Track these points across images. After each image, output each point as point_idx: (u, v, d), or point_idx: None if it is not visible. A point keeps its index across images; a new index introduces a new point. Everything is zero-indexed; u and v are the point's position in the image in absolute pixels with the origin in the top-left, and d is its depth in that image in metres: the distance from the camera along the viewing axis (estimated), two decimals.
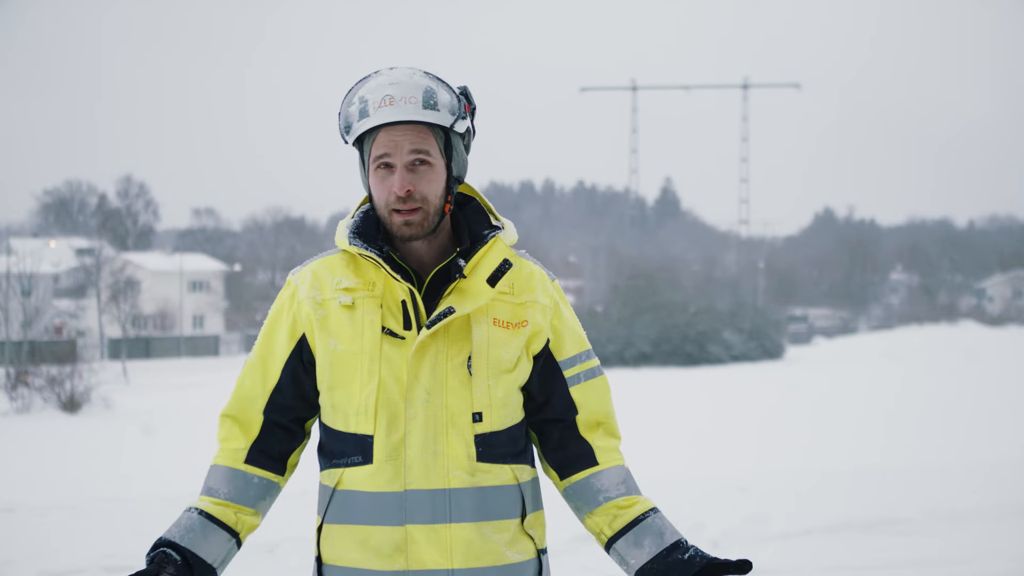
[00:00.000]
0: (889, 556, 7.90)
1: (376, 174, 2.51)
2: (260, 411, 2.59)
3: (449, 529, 2.48)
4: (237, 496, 2.57)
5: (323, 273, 2.58)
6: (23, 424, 21.11)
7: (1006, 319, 68.65)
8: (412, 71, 2.52)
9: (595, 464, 2.60)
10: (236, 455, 2.59)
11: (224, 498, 2.56)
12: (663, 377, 35.05)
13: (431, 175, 2.51)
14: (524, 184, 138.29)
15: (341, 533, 2.52)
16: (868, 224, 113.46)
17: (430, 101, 2.48)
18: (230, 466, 2.58)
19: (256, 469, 2.58)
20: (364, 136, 2.52)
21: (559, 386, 2.62)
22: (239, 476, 2.57)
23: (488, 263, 2.54)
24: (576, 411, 2.62)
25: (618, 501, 2.57)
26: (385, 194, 2.50)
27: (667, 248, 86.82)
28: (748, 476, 11.55)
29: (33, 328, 40.60)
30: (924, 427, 17.29)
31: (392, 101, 2.46)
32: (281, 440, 2.61)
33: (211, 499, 2.56)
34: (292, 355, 2.58)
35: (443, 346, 2.51)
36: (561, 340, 2.62)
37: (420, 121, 2.48)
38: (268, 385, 2.59)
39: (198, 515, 2.52)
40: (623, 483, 2.59)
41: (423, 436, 2.48)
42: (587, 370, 2.64)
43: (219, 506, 2.55)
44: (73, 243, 67.04)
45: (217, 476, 2.58)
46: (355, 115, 2.51)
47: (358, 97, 2.51)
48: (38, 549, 8.38)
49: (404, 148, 2.48)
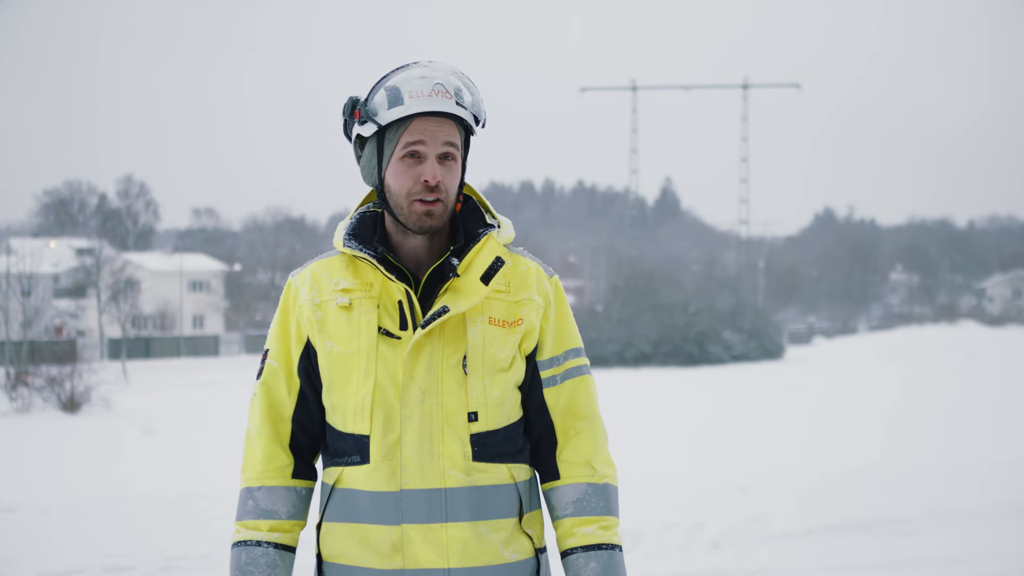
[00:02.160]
0: (889, 556, 7.90)
1: (402, 163, 2.50)
2: (289, 419, 2.59)
3: (445, 528, 2.48)
4: (295, 513, 2.59)
5: (322, 275, 2.59)
6: (23, 424, 21.11)
7: (1006, 319, 68.70)
8: (449, 68, 2.54)
9: (556, 479, 2.60)
10: (283, 472, 2.59)
11: (285, 518, 2.57)
12: (663, 377, 35.06)
13: (455, 169, 2.53)
14: (524, 184, 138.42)
15: (340, 531, 2.53)
16: (868, 224, 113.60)
17: (460, 98, 2.50)
18: (280, 485, 2.58)
19: (303, 482, 2.61)
20: (389, 126, 2.51)
21: (535, 388, 2.61)
22: (292, 493, 2.59)
23: (481, 261, 2.54)
24: (548, 415, 2.60)
25: (564, 522, 2.58)
26: (411, 183, 2.49)
27: (667, 248, 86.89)
28: (748, 476, 11.55)
29: (33, 328, 40.56)
30: (924, 427, 17.29)
31: (440, 92, 2.48)
32: (310, 446, 2.62)
33: (272, 523, 2.56)
34: (301, 359, 2.59)
35: (438, 345, 2.51)
36: (545, 340, 2.60)
37: (453, 116, 2.50)
38: (293, 391, 2.60)
39: (273, 549, 2.55)
40: (575, 503, 2.57)
41: (419, 436, 2.48)
42: (564, 371, 2.61)
43: (285, 533, 2.57)
44: (73, 243, 67.05)
45: (273, 497, 2.57)
46: (383, 103, 2.49)
47: (387, 87, 2.50)
48: (38, 549, 8.38)
49: (439, 139, 2.49)
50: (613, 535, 2.57)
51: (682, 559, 7.93)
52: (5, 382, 25.83)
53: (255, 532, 2.55)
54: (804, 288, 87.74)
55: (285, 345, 2.60)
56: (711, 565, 7.73)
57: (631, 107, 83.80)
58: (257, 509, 2.56)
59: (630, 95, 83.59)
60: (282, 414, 2.59)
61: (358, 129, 2.53)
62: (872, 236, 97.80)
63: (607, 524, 2.56)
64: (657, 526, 8.86)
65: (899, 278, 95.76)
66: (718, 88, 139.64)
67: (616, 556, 2.55)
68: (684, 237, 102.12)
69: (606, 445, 2.63)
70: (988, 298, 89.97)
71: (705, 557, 8.00)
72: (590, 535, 2.55)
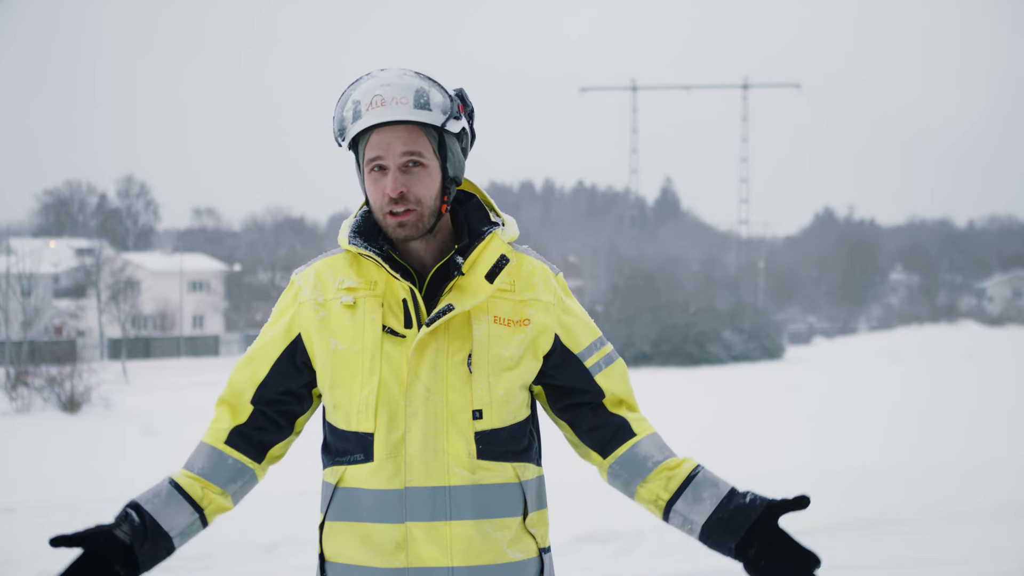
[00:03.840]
0: (889, 556, 7.90)
1: (370, 176, 2.51)
2: (248, 400, 2.61)
3: (449, 526, 2.48)
4: (209, 473, 2.59)
5: (326, 273, 2.60)
6: (23, 424, 21.11)
7: (1006, 319, 68.65)
8: (403, 72, 2.52)
9: (633, 435, 2.62)
10: (219, 435, 2.62)
11: (197, 473, 2.59)
12: (663, 377, 35.04)
13: (425, 176, 2.50)
14: (524, 184, 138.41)
15: (343, 530, 2.53)
16: (868, 224, 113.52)
17: (421, 101, 2.47)
18: (210, 444, 2.61)
19: (233, 451, 2.60)
20: (358, 139, 2.52)
21: (583, 376, 2.62)
22: (216, 454, 2.60)
23: (485, 259, 2.54)
24: (603, 394, 2.63)
25: (667, 463, 2.60)
26: (379, 196, 2.50)
27: (667, 248, 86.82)
28: (748, 476, 11.54)
29: (33, 328, 40.56)
30: (924, 427, 17.28)
31: (383, 102, 2.46)
32: (265, 430, 2.62)
33: (185, 472, 2.59)
34: (284, 353, 2.60)
35: (443, 344, 2.51)
36: (573, 333, 2.62)
37: (412, 121, 2.47)
38: (256, 378, 2.61)
39: (168, 484, 2.57)
40: (664, 447, 2.64)
41: (423, 434, 2.48)
42: (605, 356, 2.65)
43: (189, 479, 2.58)
44: (73, 243, 67.10)
45: (197, 452, 2.62)
46: (349, 118, 2.51)
47: (352, 100, 2.51)
48: (38, 549, 8.37)
49: (396, 149, 2.47)
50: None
51: (682, 559, 7.93)
52: (5, 382, 25.83)
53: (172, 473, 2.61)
54: (804, 288, 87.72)
55: (266, 337, 2.63)
56: (711, 565, 7.73)
57: (631, 107, 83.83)
58: (186, 460, 2.62)
59: (630, 95, 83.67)
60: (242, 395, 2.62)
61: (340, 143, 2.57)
62: (872, 236, 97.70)
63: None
64: (657, 526, 8.85)
65: (899, 278, 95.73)
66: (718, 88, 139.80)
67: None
68: (684, 237, 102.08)
69: None
70: (988, 298, 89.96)
71: (705, 557, 7.99)
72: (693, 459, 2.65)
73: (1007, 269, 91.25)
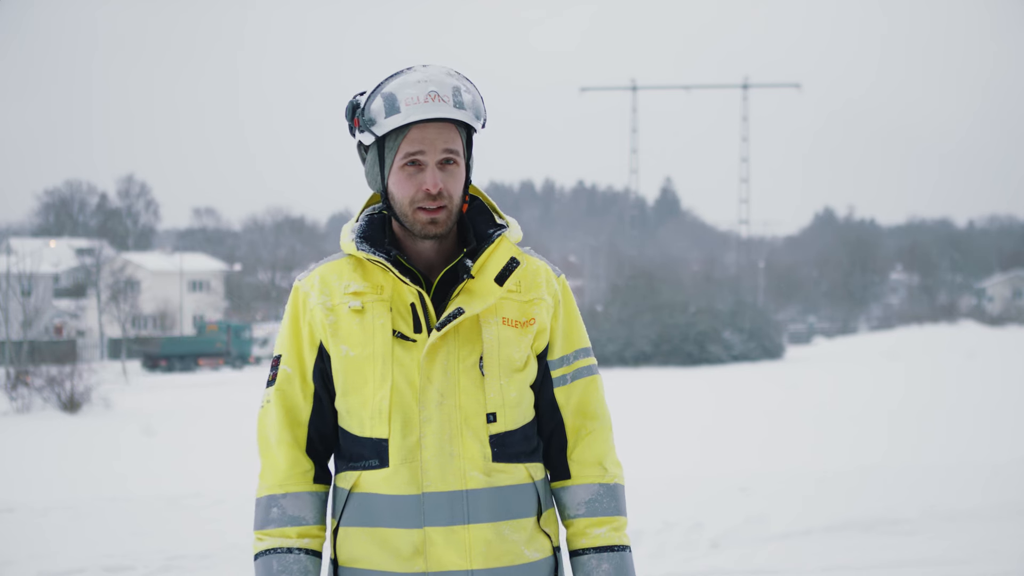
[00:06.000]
0: (890, 556, 7.90)
1: (403, 171, 2.48)
2: (306, 423, 2.57)
3: (467, 530, 2.48)
4: (320, 518, 2.57)
5: (331, 278, 2.57)
6: (23, 424, 21.11)
7: (1006, 319, 68.58)
8: (445, 70, 2.51)
9: (567, 478, 2.61)
10: (306, 477, 2.56)
11: (312, 523, 2.55)
12: (663, 377, 35.05)
13: (458, 174, 2.51)
14: (524, 184, 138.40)
15: (358, 535, 2.52)
16: (868, 224, 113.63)
17: (458, 99, 2.47)
18: (307, 491, 2.56)
19: (323, 486, 2.59)
20: (388, 133, 2.49)
21: (546, 387, 2.61)
22: (316, 498, 2.57)
23: (495, 262, 2.54)
24: (559, 414, 2.60)
25: (576, 522, 2.58)
26: (412, 191, 2.48)
27: (667, 248, 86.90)
28: (748, 476, 11.54)
29: (33, 328, 40.55)
30: (925, 427, 17.27)
31: (435, 98, 2.44)
32: (325, 450, 2.61)
33: (301, 528, 2.54)
34: (316, 363, 2.57)
35: (454, 347, 2.50)
36: (555, 340, 2.61)
37: (452, 120, 2.47)
38: (308, 396, 2.57)
39: (305, 555, 2.53)
40: (587, 503, 2.59)
41: (438, 438, 2.48)
42: (574, 370, 2.61)
43: (314, 538, 2.55)
44: (73, 243, 67.10)
45: (299, 503, 2.55)
46: (380, 111, 2.47)
47: (383, 94, 2.48)
48: (38, 549, 8.37)
49: (438, 146, 2.47)
50: (623, 536, 2.59)
51: (682, 559, 7.92)
52: (5, 382, 25.82)
53: (283, 539, 2.52)
54: (804, 288, 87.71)
55: (298, 350, 2.58)
56: (711, 565, 7.72)
57: (631, 107, 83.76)
58: (284, 516, 2.53)
59: (630, 95, 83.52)
60: (299, 419, 2.57)
61: (359, 136, 2.52)
62: (872, 236, 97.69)
63: (618, 525, 2.59)
64: (657, 526, 8.86)
65: (899, 278, 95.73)
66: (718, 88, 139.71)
67: (627, 557, 2.58)
68: (684, 237, 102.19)
69: (614, 445, 2.65)
70: (988, 298, 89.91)
71: (705, 557, 8.00)
72: (602, 536, 2.57)
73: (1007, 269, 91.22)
